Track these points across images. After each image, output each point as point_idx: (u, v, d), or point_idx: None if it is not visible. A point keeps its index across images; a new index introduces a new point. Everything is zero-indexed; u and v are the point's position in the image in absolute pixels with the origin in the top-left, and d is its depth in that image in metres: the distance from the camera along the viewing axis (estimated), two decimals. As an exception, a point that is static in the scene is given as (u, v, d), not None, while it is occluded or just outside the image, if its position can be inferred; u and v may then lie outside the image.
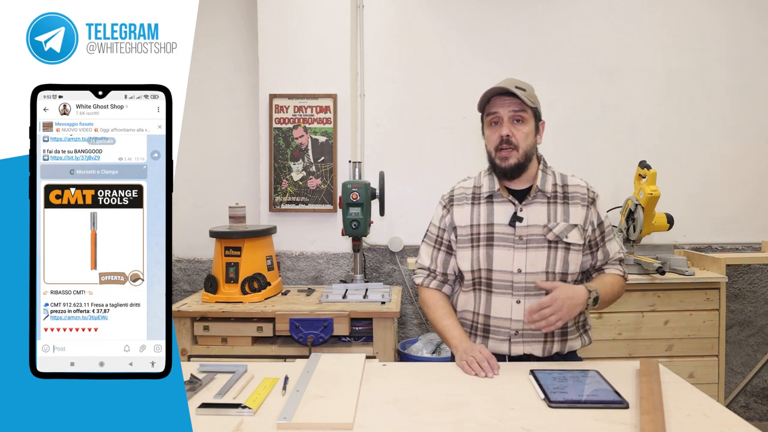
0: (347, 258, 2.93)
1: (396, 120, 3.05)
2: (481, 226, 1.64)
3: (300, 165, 2.91)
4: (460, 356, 1.50)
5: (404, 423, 1.13)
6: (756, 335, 3.02)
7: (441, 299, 1.72)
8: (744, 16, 3.00)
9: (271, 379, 1.36)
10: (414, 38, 3.04)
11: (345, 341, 2.34)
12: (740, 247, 3.02)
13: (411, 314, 3.03)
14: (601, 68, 3.03)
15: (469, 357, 1.46)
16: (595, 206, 1.67)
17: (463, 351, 1.51)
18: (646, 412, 1.12)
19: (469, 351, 1.49)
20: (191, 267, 3.08)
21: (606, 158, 3.03)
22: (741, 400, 3.04)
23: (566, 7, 3.02)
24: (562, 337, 1.61)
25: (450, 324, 1.64)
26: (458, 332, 1.61)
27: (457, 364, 1.50)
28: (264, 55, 2.90)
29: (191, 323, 2.27)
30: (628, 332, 2.53)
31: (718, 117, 3.03)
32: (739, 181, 3.04)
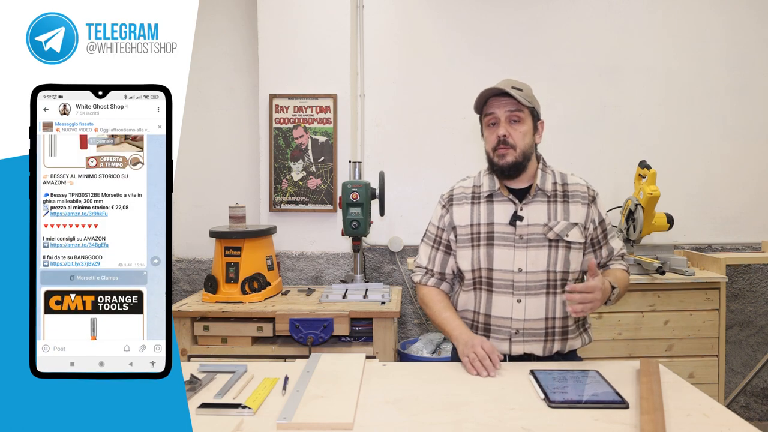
0: (347, 258, 2.93)
1: (396, 120, 3.05)
2: (482, 225, 1.64)
3: (300, 165, 2.91)
4: (462, 350, 1.50)
5: (404, 423, 1.13)
6: (756, 335, 3.02)
7: (439, 294, 1.73)
8: (744, 16, 3.00)
9: (271, 379, 1.36)
10: (414, 38, 3.04)
11: (345, 341, 2.34)
12: (740, 247, 3.02)
13: (411, 314, 3.03)
14: (601, 68, 3.03)
15: (471, 354, 1.45)
16: (596, 204, 1.67)
17: (464, 344, 1.51)
18: (646, 412, 1.12)
19: (470, 344, 1.48)
20: (191, 267, 3.08)
21: (606, 158, 3.03)
22: (741, 400, 3.04)
23: (566, 7, 3.02)
24: (562, 336, 1.61)
25: (449, 316, 1.65)
26: (458, 323, 1.62)
27: (459, 356, 1.50)
28: (264, 55, 2.90)
29: (191, 323, 2.27)
30: (628, 332, 2.53)
31: (718, 117, 3.03)
32: (739, 181, 3.04)
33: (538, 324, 1.59)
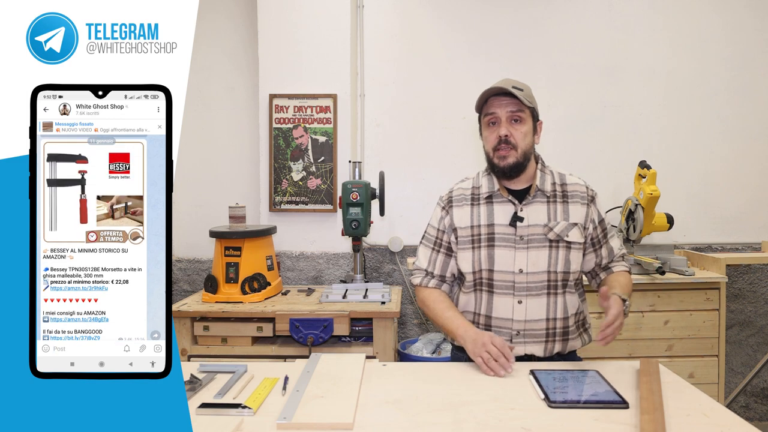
0: (347, 258, 2.93)
1: (396, 120, 3.05)
2: (482, 226, 1.64)
3: (300, 165, 2.91)
4: (471, 349, 1.48)
5: (404, 423, 1.13)
6: (756, 335, 3.02)
7: (440, 295, 1.71)
8: (744, 16, 3.00)
9: (271, 379, 1.36)
10: (414, 38, 3.04)
11: (345, 341, 2.34)
12: (740, 247, 3.02)
13: (411, 314, 3.03)
14: (601, 68, 3.03)
15: (484, 353, 1.43)
16: (595, 204, 1.67)
17: (473, 342, 1.48)
18: (646, 412, 1.12)
19: (479, 342, 1.46)
20: (191, 267, 3.08)
21: (606, 158, 3.03)
22: (741, 400, 3.04)
23: (566, 7, 3.02)
24: (563, 337, 1.61)
25: (452, 315, 1.62)
26: (461, 321, 1.59)
27: (471, 357, 1.48)
28: (264, 55, 2.90)
29: (191, 323, 2.27)
30: (628, 332, 2.53)
31: (718, 117, 3.03)
32: (739, 181, 3.04)
33: (538, 325, 1.59)
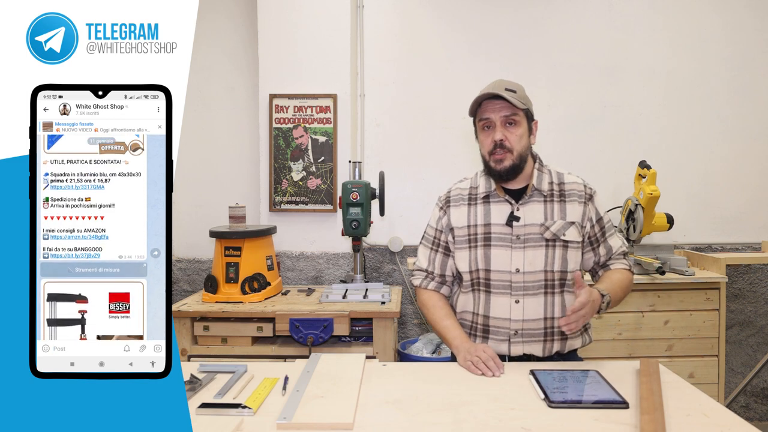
0: (347, 258, 2.93)
1: (396, 120, 3.05)
2: (479, 226, 1.64)
3: (300, 165, 2.91)
4: (463, 357, 1.50)
5: (404, 423, 1.13)
6: (756, 335, 3.02)
7: (440, 300, 1.72)
8: (744, 16, 3.00)
9: (271, 379, 1.36)
10: (414, 38, 3.04)
11: (345, 341, 2.34)
12: (740, 247, 3.02)
13: (411, 314, 3.03)
14: (601, 68, 3.03)
15: (474, 357, 1.46)
16: (593, 202, 1.66)
17: (465, 351, 1.51)
18: (646, 412, 1.12)
19: (472, 351, 1.49)
20: (191, 267, 3.08)
21: (606, 158, 3.03)
22: (741, 400, 3.04)
23: (566, 7, 3.02)
24: (562, 337, 1.61)
25: (450, 325, 1.64)
26: (458, 332, 1.61)
27: (461, 365, 1.49)
28: (264, 55, 2.90)
29: (191, 323, 2.27)
30: (628, 332, 2.53)
31: (718, 117, 3.03)
32: (739, 181, 3.04)
33: (536, 324, 1.59)
